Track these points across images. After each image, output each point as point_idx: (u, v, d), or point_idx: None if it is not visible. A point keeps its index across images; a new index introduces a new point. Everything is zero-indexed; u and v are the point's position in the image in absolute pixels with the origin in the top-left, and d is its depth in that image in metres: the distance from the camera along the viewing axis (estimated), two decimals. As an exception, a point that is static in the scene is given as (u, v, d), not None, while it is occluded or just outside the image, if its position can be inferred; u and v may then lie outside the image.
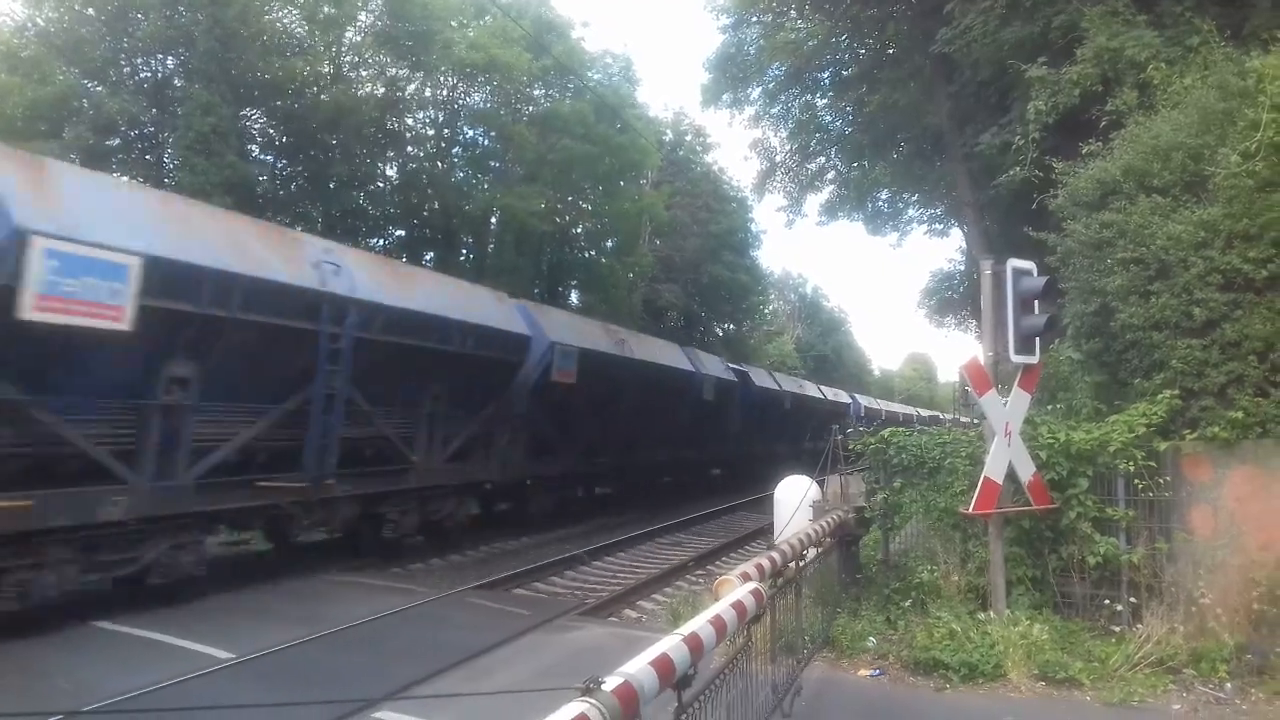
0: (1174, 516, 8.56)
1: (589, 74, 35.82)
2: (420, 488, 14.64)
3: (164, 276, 9.18)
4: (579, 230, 39.45)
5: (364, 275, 12.63)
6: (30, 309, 7.93)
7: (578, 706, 2.96)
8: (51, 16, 26.12)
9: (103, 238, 8.62)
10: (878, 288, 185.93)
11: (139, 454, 9.80)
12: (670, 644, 3.89)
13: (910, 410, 57.91)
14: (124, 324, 8.67)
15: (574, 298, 39.16)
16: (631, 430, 22.57)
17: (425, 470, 14.62)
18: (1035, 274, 8.88)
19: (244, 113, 28.01)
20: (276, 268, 11.02)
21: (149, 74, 27.51)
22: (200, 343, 10.10)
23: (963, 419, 14.15)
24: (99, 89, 26.16)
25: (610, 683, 3.24)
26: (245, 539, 14.49)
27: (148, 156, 27.37)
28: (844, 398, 44.68)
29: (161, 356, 9.78)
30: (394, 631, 9.57)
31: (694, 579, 14.39)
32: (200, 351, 10.14)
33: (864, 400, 49.75)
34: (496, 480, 17.22)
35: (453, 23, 31.38)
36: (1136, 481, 8.57)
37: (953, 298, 29.78)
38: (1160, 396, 8.69)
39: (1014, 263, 8.80)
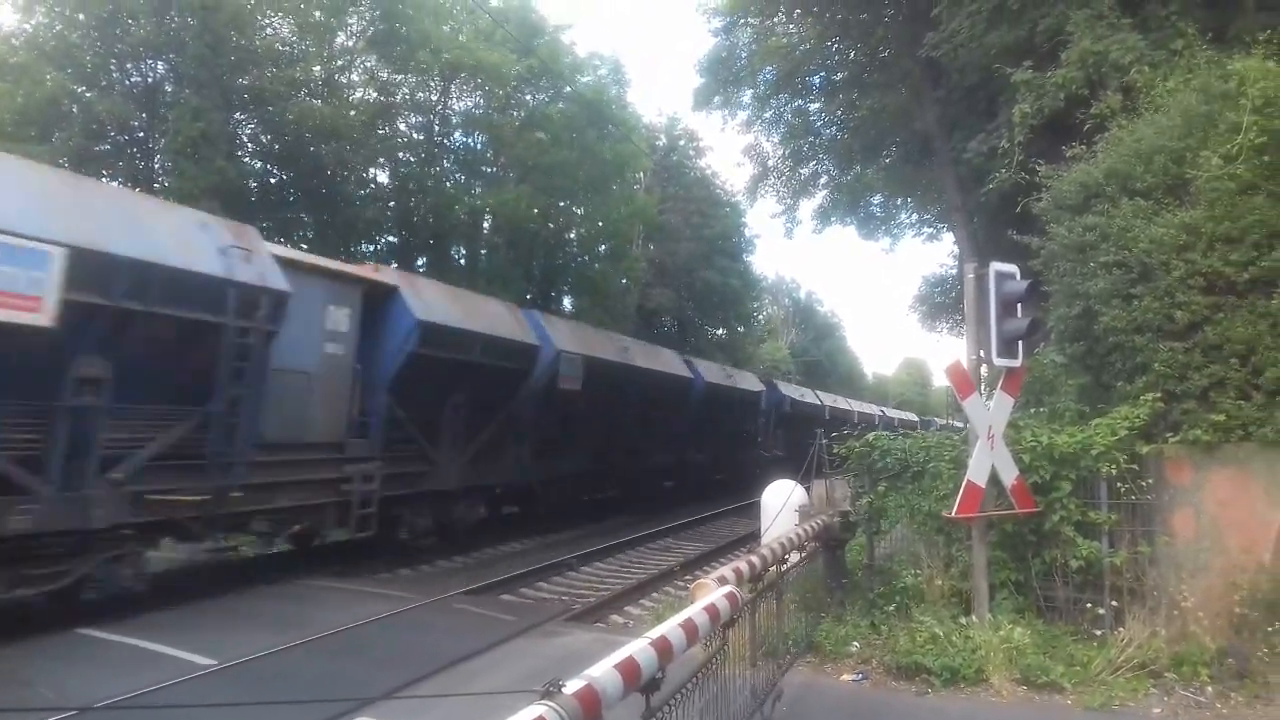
0: (1156, 520, 8.57)
1: (580, 78, 35.83)
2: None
3: (600, 369, 18.80)
4: (571, 235, 39.40)
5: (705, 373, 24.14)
6: None
7: (537, 709, 2.94)
8: (42, 22, 26.01)
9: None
10: (871, 293, 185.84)
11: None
12: (637, 647, 3.88)
13: (913, 417, 58.29)
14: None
15: (566, 303, 39.07)
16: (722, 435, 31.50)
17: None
18: (1018, 277, 8.88)
19: (235, 118, 27.93)
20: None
21: (139, 79, 27.39)
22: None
23: (956, 423, 14.16)
24: (89, 94, 26.08)
25: (572, 686, 3.22)
26: (233, 545, 14.39)
27: (138, 161, 27.31)
28: (870, 409, 51.91)
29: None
30: (378, 637, 9.52)
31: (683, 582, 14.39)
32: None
33: (888, 411, 57.56)
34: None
35: (444, 27, 31.34)
36: (1119, 485, 8.59)
37: (945, 302, 29.76)
38: (1142, 400, 8.70)
39: (996, 266, 8.81)
